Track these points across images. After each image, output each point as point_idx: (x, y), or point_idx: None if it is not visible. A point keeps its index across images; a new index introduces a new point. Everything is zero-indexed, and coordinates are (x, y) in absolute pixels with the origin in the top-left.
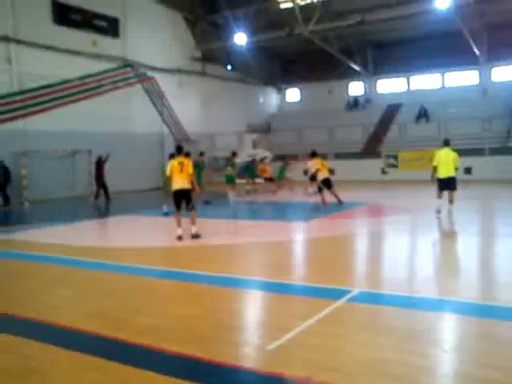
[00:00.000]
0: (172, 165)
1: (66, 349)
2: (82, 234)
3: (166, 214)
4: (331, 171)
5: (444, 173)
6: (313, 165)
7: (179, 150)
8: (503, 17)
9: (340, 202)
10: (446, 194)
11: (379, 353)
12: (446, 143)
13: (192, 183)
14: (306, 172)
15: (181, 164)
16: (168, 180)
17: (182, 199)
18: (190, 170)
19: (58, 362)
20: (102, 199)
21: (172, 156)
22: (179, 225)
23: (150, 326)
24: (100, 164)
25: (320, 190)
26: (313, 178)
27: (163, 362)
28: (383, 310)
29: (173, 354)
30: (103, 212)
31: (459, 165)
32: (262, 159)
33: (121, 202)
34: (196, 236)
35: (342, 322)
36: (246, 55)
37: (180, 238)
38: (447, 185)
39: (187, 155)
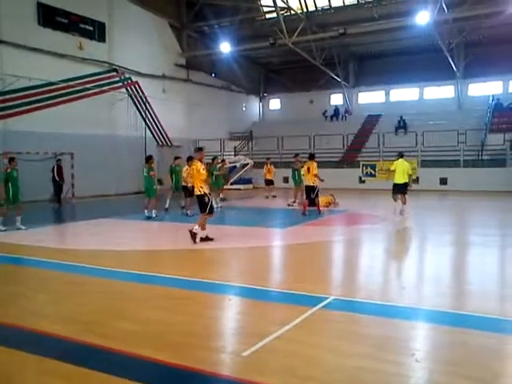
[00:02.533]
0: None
1: (37, 355)
2: (63, 237)
3: (148, 218)
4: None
5: (398, 179)
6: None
7: (199, 148)
8: (480, 34)
9: (303, 213)
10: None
11: (353, 361)
12: (401, 155)
13: (200, 188)
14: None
15: (192, 169)
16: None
17: (199, 204)
18: (200, 175)
19: (26, 368)
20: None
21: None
22: (203, 228)
23: (126, 331)
24: (60, 168)
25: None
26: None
27: (137, 369)
28: (358, 317)
29: (147, 360)
30: (83, 215)
31: (410, 172)
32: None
33: (102, 205)
34: (192, 234)
35: (317, 329)
36: (231, 64)
37: (205, 238)
38: (400, 189)
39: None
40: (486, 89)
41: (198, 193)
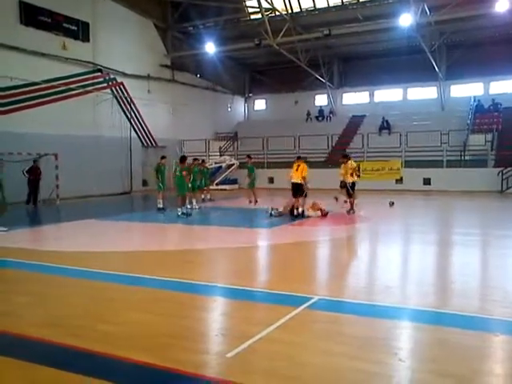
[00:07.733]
0: (293, 167)
1: (16, 359)
2: (44, 238)
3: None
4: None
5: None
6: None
7: (299, 158)
8: (461, 37)
9: (351, 211)
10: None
11: (337, 361)
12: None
13: (303, 179)
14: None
15: (298, 166)
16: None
17: (296, 190)
18: (304, 172)
19: (4, 373)
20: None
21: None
22: (296, 206)
23: (110, 333)
24: (36, 168)
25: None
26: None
27: (120, 371)
28: (342, 317)
29: (131, 362)
30: (67, 216)
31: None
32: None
33: (86, 206)
34: (298, 215)
35: (301, 329)
36: (216, 64)
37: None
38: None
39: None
40: (467, 90)
41: (301, 181)
